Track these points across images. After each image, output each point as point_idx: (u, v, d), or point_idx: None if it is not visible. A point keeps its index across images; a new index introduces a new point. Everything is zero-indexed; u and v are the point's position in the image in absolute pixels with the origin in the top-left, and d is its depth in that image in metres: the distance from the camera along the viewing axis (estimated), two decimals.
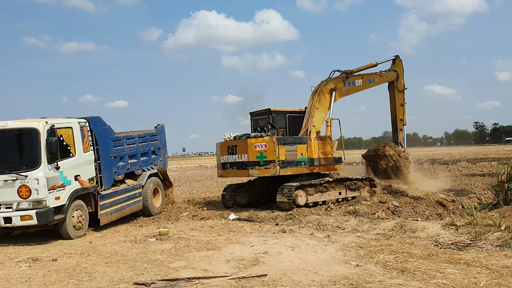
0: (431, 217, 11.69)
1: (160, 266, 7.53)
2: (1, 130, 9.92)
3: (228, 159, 14.16)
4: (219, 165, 14.80)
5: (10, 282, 6.99)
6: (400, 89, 17.47)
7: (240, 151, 13.65)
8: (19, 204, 9.66)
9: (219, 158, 14.75)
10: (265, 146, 13.17)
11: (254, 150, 13.23)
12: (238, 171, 13.80)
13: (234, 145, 13.90)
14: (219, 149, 14.69)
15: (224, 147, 14.34)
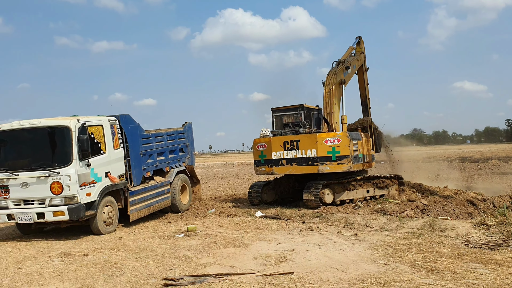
0: (461, 216, 11.47)
1: (188, 262, 7.63)
2: (34, 128, 10.20)
3: (284, 154, 13.51)
4: (264, 161, 13.86)
5: (43, 275, 7.20)
6: (366, 69, 17.44)
7: (304, 146, 13.22)
8: (52, 200, 9.92)
9: (268, 154, 13.76)
10: (338, 141, 13.00)
11: (325, 145, 13.01)
12: (300, 167, 13.27)
13: (295, 140, 13.35)
14: (268, 144, 13.78)
15: (278, 143, 13.58)
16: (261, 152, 13.94)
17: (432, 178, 23.06)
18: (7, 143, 10.49)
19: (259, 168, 14.01)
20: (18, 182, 9.99)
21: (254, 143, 14.16)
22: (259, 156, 13.99)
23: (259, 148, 14.01)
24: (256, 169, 14.16)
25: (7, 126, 10.45)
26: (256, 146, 14.08)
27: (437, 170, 29.81)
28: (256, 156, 14.12)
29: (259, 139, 14.02)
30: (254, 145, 14.21)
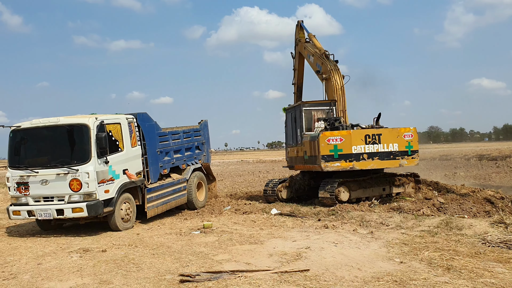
0: (478, 214, 11.35)
1: (204, 258, 7.70)
2: (53, 126, 10.37)
3: (365, 149, 13.01)
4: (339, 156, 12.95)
5: (63, 271, 7.34)
6: None
7: (386, 141, 13.08)
8: (71, 196, 10.09)
9: (346, 148, 12.92)
10: (412, 136, 13.21)
11: (404, 139, 13.14)
12: (382, 161, 13.13)
13: (377, 133, 13.09)
14: (347, 137, 12.96)
15: (359, 136, 13.03)
16: (334, 146, 12.98)
17: (449, 176, 22.86)
18: (27, 141, 10.69)
19: (331, 164, 12.96)
20: (38, 179, 10.18)
21: (323, 137, 12.98)
22: (330, 151, 12.95)
23: (331, 142, 13.00)
24: (325, 164, 12.95)
25: (27, 124, 10.65)
26: (325, 139, 12.96)
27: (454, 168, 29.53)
28: (325, 151, 12.94)
29: (330, 132, 13.15)
30: (322, 138, 12.97)
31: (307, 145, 13.90)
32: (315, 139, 13.22)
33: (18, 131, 10.63)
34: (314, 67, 15.70)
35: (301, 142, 14.44)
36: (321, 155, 12.98)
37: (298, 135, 14.84)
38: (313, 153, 13.49)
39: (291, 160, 15.76)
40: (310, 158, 13.78)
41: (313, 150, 13.47)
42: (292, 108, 15.67)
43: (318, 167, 13.22)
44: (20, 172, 10.34)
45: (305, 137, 14.14)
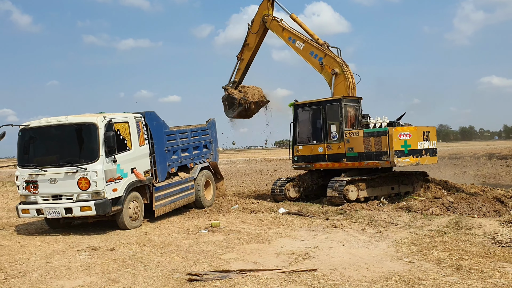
0: (488, 213, 11.26)
1: (212, 257, 7.70)
2: (62, 124, 10.41)
3: (424, 145, 13.50)
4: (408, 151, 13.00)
5: (71, 269, 7.37)
6: None
7: (432, 138, 13.88)
8: (79, 195, 10.13)
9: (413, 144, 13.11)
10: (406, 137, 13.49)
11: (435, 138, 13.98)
12: (431, 157, 13.80)
13: (427, 131, 13.75)
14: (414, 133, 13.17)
15: (420, 132, 13.47)
16: (405, 141, 12.96)
17: (459, 175, 22.70)
18: (36, 139, 10.74)
19: (402, 159, 12.86)
20: (46, 178, 10.23)
21: (396, 132, 12.85)
22: (401, 146, 12.89)
23: (402, 137, 12.96)
24: (397, 160, 12.78)
25: (36, 123, 10.70)
26: (397, 135, 12.88)
27: (463, 167, 29.32)
28: (397, 146, 12.81)
29: (401, 128, 13.12)
30: (395, 133, 12.82)
31: (357, 141, 13.40)
32: (384, 134, 12.93)
33: (27, 130, 10.68)
34: (307, 55, 15.07)
35: (340, 139, 13.75)
36: (394, 150, 12.78)
37: (332, 131, 14.02)
38: (376, 148, 13.05)
39: (305, 159, 14.74)
40: (365, 154, 13.30)
41: (377, 146, 13.05)
42: (318, 103, 14.49)
43: (384, 163, 12.94)
44: (29, 170, 10.40)
45: (352, 133, 13.57)
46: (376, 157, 13.06)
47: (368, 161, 13.24)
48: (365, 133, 13.27)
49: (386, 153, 12.85)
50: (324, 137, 14.18)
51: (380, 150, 12.95)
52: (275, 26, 15.96)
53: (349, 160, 13.60)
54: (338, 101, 13.93)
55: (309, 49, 15.04)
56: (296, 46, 15.33)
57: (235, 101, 16.46)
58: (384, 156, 12.89)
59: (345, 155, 13.66)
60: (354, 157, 13.49)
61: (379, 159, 13.00)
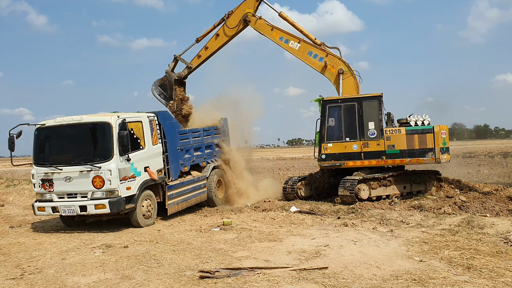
0: (501, 213, 11.17)
1: (224, 255, 7.78)
2: (77, 124, 10.58)
3: None
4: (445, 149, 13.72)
5: (86, 266, 7.51)
6: None
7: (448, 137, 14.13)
8: (93, 193, 10.29)
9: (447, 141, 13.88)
10: (445, 134, 13.85)
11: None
12: (448, 155, 14.03)
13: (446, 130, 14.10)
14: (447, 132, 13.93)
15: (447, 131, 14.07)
16: (444, 139, 13.62)
17: (473, 174, 22.51)
18: (51, 138, 10.92)
19: (443, 156, 13.53)
20: (62, 176, 10.40)
21: (440, 129, 13.47)
22: (443, 143, 13.60)
23: (443, 135, 13.65)
24: (440, 157, 13.30)
25: (52, 122, 10.88)
26: (440, 133, 13.49)
27: (477, 165, 29.05)
28: (440, 143, 13.39)
29: (441, 126, 13.61)
30: (438, 131, 13.37)
31: (400, 139, 13.39)
32: (430, 132, 13.27)
33: (43, 129, 10.87)
34: (304, 55, 14.70)
35: (379, 136, 13.55)
36: (438, 147, 13.25)
37: (370, 128, 13.71)
38: (421, 146, 13.24)
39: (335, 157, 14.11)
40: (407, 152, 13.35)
41: (421, 143, 13.25)
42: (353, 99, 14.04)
43: (429, 160, 13.25)
44: (44, 169, 10.59)
45: (393, 130, 13.51)
46: (420, 154, 13.27)
47: (411, 158, 13.39)
48: (408, 130, 13.40)
49: (431, 150, 13.18)
50: (360, 134, 13.82)
51: (425, 147, 13.22)
52: (261, 25, 15.21)
53: (389, 157, 13.56)
54: (377, 98, 13.72)
55: (306, 49, 14.65)
56: (290, 46, 14.83)
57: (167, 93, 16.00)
58: (429, 153, 13.19)
59: (385, 152, 13.57)
60: (395, 155, 13.48)
61: (424, 156, 13.24)
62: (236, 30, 15.50)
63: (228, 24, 15.48)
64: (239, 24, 15.37)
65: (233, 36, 15.69)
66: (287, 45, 14.85)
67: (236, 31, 15.52)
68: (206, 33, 15.84)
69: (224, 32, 15.59)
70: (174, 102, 15.59)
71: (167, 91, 15.99)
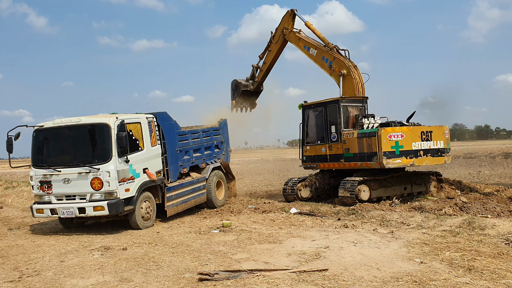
0: (502, 214, 11.14)
1: (223, 257, 7.73)
2: (75, 125, 10.53)
3: (421, 145, 13.12)
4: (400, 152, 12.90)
5: (85, 268, 7.46)
6: None
7: (436, 138, 13.39)
8: (92, 195, 10.24)
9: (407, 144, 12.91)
10: (448, 135, 13.63)
11: (445, 137, 13.58)
12: (433, 158, 13.37)
13: (429, 130, 13.31)
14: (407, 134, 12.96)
15: (416, 133, 13.11)
16: (396, 142, 12.90)
17: (473, 175, 22.46)
18: (50, 140, 10.88)
19: (392, 160, 12.83)
20: (60, 178, 10.36)
21: (385, 133, 12.86)
22: (391, 147, 12.87)
23: (393, 138, 12.91)
24: (386, 161, 12.79)
25: (50, 124, 10.84)
26: (387, 135, 12.87)
27: (478, 166, 29.01)
28: (387, 147, 12.82)
29: (392, 128, 13.06)
30: (384, 135, 12.83)
31: (353, 142, 13.43)
32: (374, 135, 12.93)
33: (41, 130, 10.83)
34: (319, 60, 15.35)
35: (338, 139, 13.88)
36: (383, 151, 12.81)
37: (332, 132, 14.21)
38: (368, 150, 13.12)
39: (312, 159, 15.11)
40: (358, 155, 13.34)
41: (368, 147, 13.10)
42: (321, 104, 14.74)
43: (375, 164, 12.95)
44: (43, 171, 10.54)
45: (348, 134, 13.65)
46: (368, 158, 13.16)
47: (362, 162, 13.33)
48: (359, 133, 13.37)
49: (376, 154, 12.93)
50: (326, 138, 14.42)
51: (371, 151, 13.04)
52: (292, 37, 16.55)
53: (346, 160, 13.74)
54: (337, 102, 14.14)
55: (321, 55, 15.36)
56: (310, 53, 15.72)
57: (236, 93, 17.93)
58: (374, 157, 12.96)
59: (343, 155, 13.81)
60: (351, 158, 13.63)
61: (370, 160, 13.08)
62: (279, 45, 17.07)
63: (273, 40, 17.32)
64: (279, 38, 17.02)
65: (279, 50, 17.30)
66: (308, 52, 15.77)
67: (279, 46, 17.12)
68: (265, 49, 17.71)
69: (273, 47, 17.40)
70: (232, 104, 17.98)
71: (235, 93, 18.22)
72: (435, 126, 13.58)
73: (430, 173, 14.61)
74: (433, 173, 14.68)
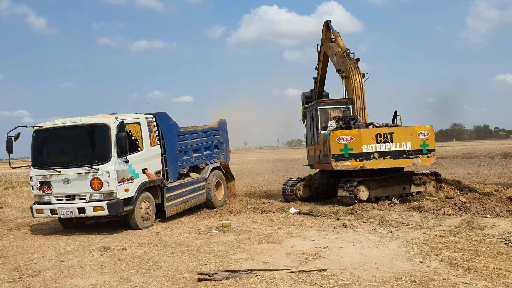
0: (501, 213, 11.14)
1: (223, 257, 7.74)
2: (75, 126, 10.53)
3: (376, 148, 13.02)
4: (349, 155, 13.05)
5: (84, 268, 7.47)
6: None
7: (398, 139, 13.00)
8: (92, 195, 10.25)
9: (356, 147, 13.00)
10: (427, 134, 13.04)
11: (418, 138, 13.04)
12: (395, 160, 13.02)
13: (389, 132, 13.03)
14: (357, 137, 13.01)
15: (369, 135, 13.06)
16: (345, 145, 13.09)
17: (473, 175, 22.49)
18: (49, 140, 10.88)
19: (341, 163, 13.06)
20: (60, 178, 10.36)
21: (333, 136, 13.10)
22: (340, 150, 13.08)
23: (341, 141, 13.10)
24: (335, 164, 13.09)
25: (50, 124, 10.84)
26: (336, 139, 13.08)
27: (478, 166, 29.04)
28: (336, 150, 13.07)
29: (341, 132, 13.22)
30: (332, 138, 13.09)
31: (321, 144, 13.97)
32: (327, 138, 13.31)
33: (41, 131, 10.83)
34: (336, 65, 15.65)
35: (317, 141, 14.53)
36: (332, 154, 13.13)
37: (314, 134, 14.98)
38: (325, 152, 13.61)
39: (310, 159, 15.92)
40: (324, 157, 13.88)
41: (325, 149, 13.57)
42: (310, 107, 15.68)
43: (330, 166, 13.32)
44: (43, 171, 10.55)
45: (320, 136, 14.21)
46: (325, 160, 13.78)
47: (321, 164, 14.24)
48: (323, 136, 13.94)
49: (328, 156, 13.39)
50: (313, 140, 15.38)
51: (326, 154, 13.53)
52: (325, 48, 16.97)
53: (321, 162, 14.31)
54: (315, 106, 14.86)
55: (337, 60, 15.65)
56: (333, 59, 16.08)
57: None
58: (328, 159, 13.43)
59: (319, 157, 14.39)
60: (322, 159, 14.18)
61: (326, 162, 13.64)
62: (323, 55, 17.37)
63: (320, 51, 17.84)
64: (320, 50, 17.60)
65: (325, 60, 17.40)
66: (332, 58, 16.13)
67: (322, 56, 17.40)
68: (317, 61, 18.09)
69: (320, 58, 17.71)
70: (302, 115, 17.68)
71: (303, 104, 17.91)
72: (399, 127, 13.36)
73: (429, 173, 14.62)
74: (432, 173, 14.69)
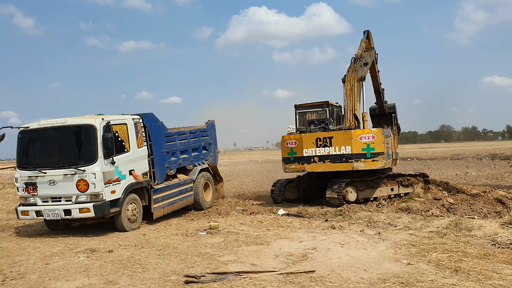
0: (489, 215, 11.22)
1: (210, 259, 7.68)
2: (61, 126, 10.40)
3: (316, 151, 13.18)
4: (294, 158, 13.54)
5: (70, 271, 7.36)
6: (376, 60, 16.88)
7: (337, 143, 12.94)
8: (78, 197, 10.12)
9: (299, 151, 13.40)
10: (373, 138, 12.80)
11: (360, 142, 12.85)
12: (334, 164, 13.00)
13: (328, 136, 13.06)
14: (299, 141, 13.44)
15: (309, 139, 13.25)
16: (291, 149, 13.57)
17: (461, 176, 22.64)
18: (35, 141, 10.73)
19: (289, 166, 13.61)
20: (46, 180, 10.22)
21: (283, 140, 13.69)
22: (288, 154, 13.61)
23: (288, 145, 13.62)
24: (285, 166, 13.72)
25: (36, 125, 10.69)
26: (285, 143, 13.65)
27: (466, 167, 29.26)
28: (285, 154, 13.69)
29: (288, 136, 13.68)
30: (282, 142, 13.73)
31: None
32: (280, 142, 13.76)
33: (26, 132, 10.68)
34: None
35: None
36: (282, 157, 13.89)
37: None
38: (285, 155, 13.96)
39: None
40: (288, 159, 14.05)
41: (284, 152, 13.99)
42: None
43: None
44: (28, 172, 10.40)
45: None
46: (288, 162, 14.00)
47: None
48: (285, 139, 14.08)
49: None
50: None
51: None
52: None
53: None
54: (295, 109, 15.12)
55: None
56: None
57: None
58: None
59: None
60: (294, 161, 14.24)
61: None
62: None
63: None
64: None
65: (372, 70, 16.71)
66: None
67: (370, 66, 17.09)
68: None
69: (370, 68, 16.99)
70: None
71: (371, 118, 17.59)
72: (338, 131, 13.27)
73: (417, 174, 14.68)
74: (420, 174, 14.75)
